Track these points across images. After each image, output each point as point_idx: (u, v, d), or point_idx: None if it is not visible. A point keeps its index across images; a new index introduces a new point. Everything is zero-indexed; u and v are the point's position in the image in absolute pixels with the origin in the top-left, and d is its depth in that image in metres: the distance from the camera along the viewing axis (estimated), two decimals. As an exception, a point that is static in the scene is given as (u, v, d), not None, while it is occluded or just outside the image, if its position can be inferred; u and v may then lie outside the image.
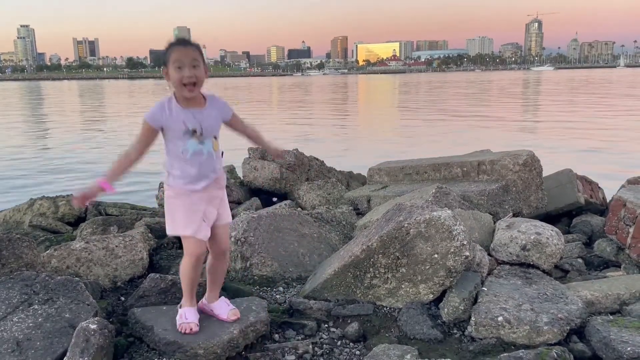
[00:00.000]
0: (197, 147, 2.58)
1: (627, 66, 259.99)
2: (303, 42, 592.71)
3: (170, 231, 2.68)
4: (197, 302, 2.88)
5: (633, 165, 11.21)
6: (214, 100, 2.70)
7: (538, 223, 3.68)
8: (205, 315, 2.85)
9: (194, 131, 2.57)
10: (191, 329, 2.69)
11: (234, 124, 2.78)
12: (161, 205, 6.12)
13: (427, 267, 3.09)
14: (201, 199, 2.64)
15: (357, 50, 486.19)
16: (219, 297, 2.91)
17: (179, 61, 2.50)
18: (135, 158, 2.59)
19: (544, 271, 3.51)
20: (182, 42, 2.57)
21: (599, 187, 6.04)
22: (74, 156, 15.97)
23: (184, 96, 2.56)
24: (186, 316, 2.74)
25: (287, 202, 6.00)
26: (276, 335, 2.92)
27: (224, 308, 2.84)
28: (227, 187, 2.89)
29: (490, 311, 2.88)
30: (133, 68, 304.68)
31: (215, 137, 2.68)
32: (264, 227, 4.03)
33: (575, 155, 13.94)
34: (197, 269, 2.72)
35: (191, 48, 2.54)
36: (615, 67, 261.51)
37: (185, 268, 2.72)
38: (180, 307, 2.82)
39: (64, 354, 2.49)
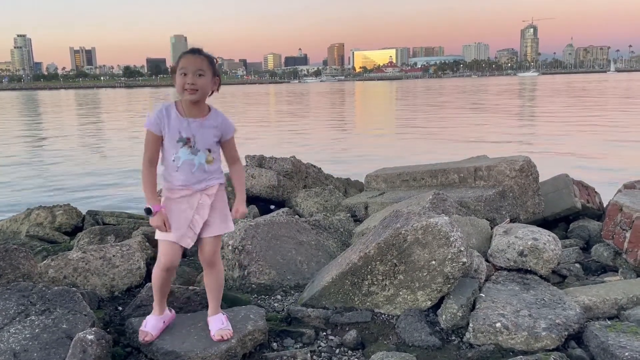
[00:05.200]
0: (188, 157, 2.59)
1: (618, 71, 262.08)
2: (300, 49, 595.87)
3: (157, 235, 2.68)
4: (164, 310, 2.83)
5: (629, 170, 11.23)
6: (218, 115, 2.66)
7: (535, 228, 3.69)
8: (205, 325, 2.84)
9: (188, 140, 2.58)
10: (144, 338, 2.67)
11: (226, 147, 2.73)
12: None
13: (425, 274, 3.09)
14: (189, 206, 2.62)
15: (353, 57, 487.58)
16: (218, 312, 2.82)
17: (185, 68, 2.54)
18: (153, 169, 2.62)
19: (541, 277, 3.51)
20: (193, 51, 2.59)
21: (596, 192, 6.05)
22: (73, 164, 15.95)
23: (186, 100, 2.57)
24: (146, 324, 2.75)
25: (285, 209, 5.99)
26: (274, 344, 2.91)
27: (215, 325, 2.74)
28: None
29: (488, 317, 2.88)
30: (130, 76, 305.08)
31: (210, 151, 2.63)
32: (261, 235, 4.03)
33: (571, 160, 13.97)
34: (164, 278, 2.71)
35: (199, 57, 2.56)
36: (606, 71, 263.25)
37: (154, 275, 2.72)
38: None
39: (61, 365, 2.49)
